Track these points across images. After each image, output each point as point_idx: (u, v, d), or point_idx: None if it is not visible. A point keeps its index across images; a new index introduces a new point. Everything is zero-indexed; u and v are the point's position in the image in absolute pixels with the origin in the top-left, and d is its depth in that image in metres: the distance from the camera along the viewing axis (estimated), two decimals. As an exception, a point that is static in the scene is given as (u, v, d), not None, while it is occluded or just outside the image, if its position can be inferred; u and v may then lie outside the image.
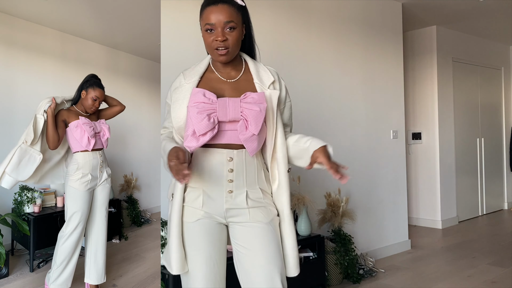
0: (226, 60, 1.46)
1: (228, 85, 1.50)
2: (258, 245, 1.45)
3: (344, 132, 3.74)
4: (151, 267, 3.61)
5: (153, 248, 4.19)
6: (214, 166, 1.46)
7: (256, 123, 1.39)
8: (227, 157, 1.45)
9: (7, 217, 3.14)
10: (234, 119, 1.41)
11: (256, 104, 1.40)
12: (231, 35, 1.42)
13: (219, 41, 1.40)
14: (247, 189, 1.48)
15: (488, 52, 6.08)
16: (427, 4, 4.40)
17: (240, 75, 1.53)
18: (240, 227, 1.48)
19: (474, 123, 5.88)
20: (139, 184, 5.55)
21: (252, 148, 1.43)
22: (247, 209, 1.47)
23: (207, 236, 1.45)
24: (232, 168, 1.46)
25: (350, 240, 3.31)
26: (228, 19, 1.40)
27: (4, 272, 3.26)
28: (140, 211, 5.25)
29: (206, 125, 1.37)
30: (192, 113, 1.39)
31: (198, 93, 1.41)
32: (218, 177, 1.46)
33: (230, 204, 1.47)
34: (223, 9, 1.40)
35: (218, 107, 1.39)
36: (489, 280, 3.30)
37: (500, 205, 6.29)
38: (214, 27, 1.41)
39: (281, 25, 3.34)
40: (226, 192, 1.46)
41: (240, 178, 1.47)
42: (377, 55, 4.06)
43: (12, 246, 3.82)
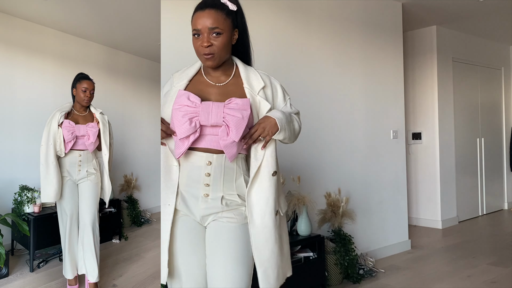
0: (213, 65, 1.45)
1: (215, 89, 1.49)
2: (223, 243, 1.46)
3: (344, 132, 3.74)
4: (151, 267, 3.61)
5: (153, 248, 4.19)
6: (192, 169, 1.47)
7: (237, 129, 1.38)
8: (206, 161, 1.45)
9: (7, 217, 3.14)
10: (216, 124, 1.40)
11: (239, 110, 1.39)
12: (217, 40, 1.41)
13: (204, 46, 1.40)
14: (224, 194, 1.48)
15: (488, 52, 6.08)
16: (427, 4, 4.40)
17: (229, 79, 1.52)
18: (212, 223, 1.49)
19: (474, 123, 5.88)
20: (139, 184, 5.55)
21: (231, 154, 1.42)
22: (221, 212, 1.48)
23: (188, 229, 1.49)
24: (209, 172, 1.46)
25: (350, 240, 3.31)
26: (213, 25, 1.39)
27: (4, 272, 3.26)
28: (140, 211, 5.25)
29: (187, 129, 1.38)
30: (175, 116, 1.40)
31: (182, 95, 1.42)
32: (195, 180, 1.47)
33: (205, 208, 1.48)
34: (210, 14, 1.40)
35: (201, 111, 1.39)
36: (489, 280, 3.30)
37: (500, 205, 6.29)
38: (200, 32, 1.41)
39: (280, 25, 3.34)
40: (202, 196, 1.47)
41: (217, 183, 1.47)
42: (377, 55, 4.06)
43: (12, 246, 3.82)
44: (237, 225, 1.48)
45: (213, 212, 1.48)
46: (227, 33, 1.43)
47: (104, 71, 5.19)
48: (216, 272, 1.44)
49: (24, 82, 4.14)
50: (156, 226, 5.12)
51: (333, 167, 3.64)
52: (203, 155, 1.45)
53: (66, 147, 2.80)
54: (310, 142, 3.44)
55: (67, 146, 2.80)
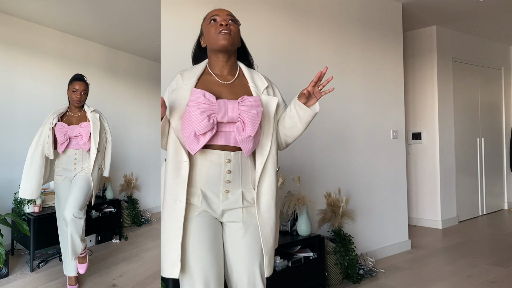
0: (227, 44, 1.53)
1: (225, 88, 1.57)
2: (244, 245, 1.53)
3: (344, 132, 3.74)
4: (151, 267, 3.61)
5: (153, 248, 4.19)
6: (212, 167, 1.52)
7: (253, 125, 1.46)
8: (225, 159, 1.51)
9: (7, 217, 3.14)
10: (232, 120, 1.47)
11: (253, 107, 1.48)
12: (233, 25, 1.56)
13: (223, 25, 1.53)
14: (242, 189, 1.55)
15: (488, 52, 6.08)
16: (427, 4, 4.40)
17: (235, 78, 1.61)
18: (232, 225, 1.56)
19: (474, 123, 5.88)
20: (139, 184, 5.55)
21: (247, 148, 1.49)
22: (241, 208, 1.55)
23: (208, 226, 1.52)
24: (230, 170, 1.52)
25: (350, 240, 3.31)
26: (230, 14, 1.58)
27: (4, 272, 3.26)
28: (140, 211, 5.25)
29: (206, 125, 1.42)
30: (192, 113, 1.44)
31: (198, 93, 1.47)
32: (215, 177, 1.52)
33: (226, 204, 1.54)
34: (226, 10, 1.60)
35: (217, 108, 1.45)
36: (489, 280, 3.30)
37: (500, 205, 6.29)
38: (218, 18, 1.56)
39: (280, 25, 3.34)
40: (222, 192, 1.53)
41: (237, 179, 1.54)
42: (377, 55, 4.06)
43: (12, 246, 3.81)
44: (255, 223, 1.56)
45: (233, 207, 1.54)
46: (238, 28, 1.59)
47: (104, 71, 5.19)
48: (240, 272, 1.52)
49: (24, 82, 4.14)
50: (156, 226, 5.12)
51: (333, 167, 3.64)
52: (221, 153, 1.51)
53: (60, 148, 2.87)
54: (310, 142, 3.44)
55: (61, 147, 2.86)
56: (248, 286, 1.51)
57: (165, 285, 2.34)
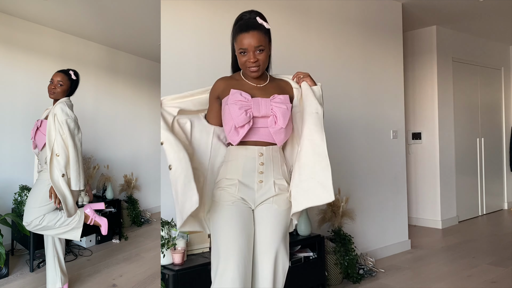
0: (258, 75, 1.76)
1: (257, 90, 1.77)
2: (269, 225, 1.72)
3: (344, 132, 3.74)
4: (151, 267, 3.61)
5: (153, 248, 4.19)
6: (248, 160, 1.73)
7: (284, 118, 1.68)
8: (258, 153, 1.73)
9: (7, 217, 3.14)
10: (266, 114, 1.70)
11: (283, 103, 1.70)
12: (261, 55, 1.71)
13: (251, 62, 1.70)
14: (274, 179, 1.75)
15: (488, 52, 6.08)
16: (427, 4, 4.40)
17: (267, 83, 1.81)
18: (262, 209, 1.74)
19: (474, 123, 5.88)
20: (139, 184, 5.55)
21: (279, 139, 1.72)
22: (274, 196, 1.74)
23: (241, 214, 1.70)
24: (262, 162, 1.73)
25: (350, 240, 3.31)
26: (258, 44, 1.69)
27: (4, 272, 3.26)
28: (140, 211, 5.25)
29: (244, 118, 1.65)
30: (232, 109, 1.66)
31: (236, 93, 1.70)
32: (251, 169, 1.73)
33: (261, 192, 1.73)
34: (254, 35, 1.68)
35: (253, 104, 1.69)
36: (489, 280, 3.30)
37: (500, 205, 6.29)
38: (247, 51, 1.69)
39: (280, 25, 3.34)
40: (257, 182, 1.73)
41: (269, 170, 1.74)
42: (377, 55, 4.06)
43: (12, 246, 3.82)
44: (284, 208, 1.74)
45: (267, 197, 1.73)
46: (267, 48, 1.73)
47: (104, 71, 5.19)
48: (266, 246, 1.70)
49: (24, 82, 4.14)
50: (156, 226, 5.12)
51: (333, 167, 3.59)
52: (255, 148, 1.73)
53: (33, 145, 2.77)
54: (310, 142, 3.44)
55: (32, 144, 2.77)
56: (272, 262, 1.68)
57: (165, 285, 2.34)
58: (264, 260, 1.69)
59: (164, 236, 2.49)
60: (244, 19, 1.73)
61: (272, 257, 1.69)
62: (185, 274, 2.35)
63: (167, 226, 2.53)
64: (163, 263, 2.45)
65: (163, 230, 2.51)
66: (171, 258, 2.45)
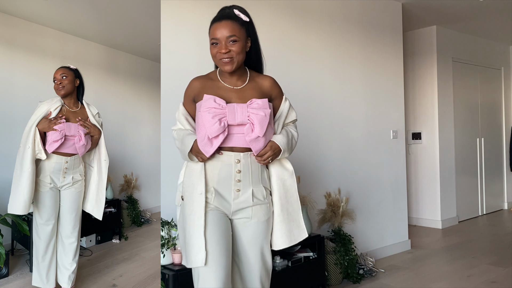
0: (231, 69, 1.60)
1: (234, 93, 1.65)
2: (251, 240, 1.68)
3: (344, 132, 3.74)
4: (151, 267, 3.61)
5: (153, 248, 4.19)
6: (223, 167, 1.62)
7: (261, 126, 1.56)
8: (235, 159, 1.62)
9: (7, 217, 3.13)
10: (242, 122, 1.58)
11: (261, 109, 1.58)
12: (234, 46, 1.58)
13: (222, 53, 1.57)
14: (253, 187, 1.66)
15: (488, 52, 6.08)
16: (427, 4, 4.40)
17: (245, 84, 1.68)
18: (241, 222, 1.69)
19: (474, 123, 5.88)
20: (139, 184, 5.55)
21: (256, 148, 1.60)
22: (251, 207, 1.66)
23: (219, 222, 1.62)
24: (240, 169, 1.63)
25: (350, 240, 3.31)
26: (230, 34, 1.57)
27: (4, 272, 3.26)
28: (140, 211, 5.25)
29: (217, 129, 1.54)
30: (205, 117, 1.55)
31: (209, 99, 1.57)
32: (227, 177, 1.63)
33: (238, 202, 1.65)
34: (226, 24, 1.58)
35: (228, 112, 1.56)
36: (489, 280, 3.30)
37: (500, 205, 6.29)
38: (218, 41, 1.58)
39: (280, 25, 3.34)
40: (234, 191, 1.64)
41: (247, 178, 1.64)
42: (377, 55, 4.06)
43: (12, 246, 3.81)
44: (264, 220, 1.69)
45: (244, 206, 1.66)
46: (242, 41, 1.59)
47: (104, 71, 5.19)
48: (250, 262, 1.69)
49: (24, 82, 4.14)
50: (156, 226, 5.12)
51: (333, 167, 3.64)
52: (231, 154, 1.62)
53: (50, 148, 2.49)
54: (310, 142, 3.44)
55: (52, 146, 2.48)
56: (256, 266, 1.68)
57: (165, 285, 2.34)
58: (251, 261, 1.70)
59: (164, 236, 2.49)
60: (221, 11, 1.64)
61: (258, 254, 1.69)
62: (185, 274, 2.35)
63: (167, 226, 2.53)
64: (163, 263, 2.45)
65: (163, 230, 2.51)
66: (171, 258, 2.45)
